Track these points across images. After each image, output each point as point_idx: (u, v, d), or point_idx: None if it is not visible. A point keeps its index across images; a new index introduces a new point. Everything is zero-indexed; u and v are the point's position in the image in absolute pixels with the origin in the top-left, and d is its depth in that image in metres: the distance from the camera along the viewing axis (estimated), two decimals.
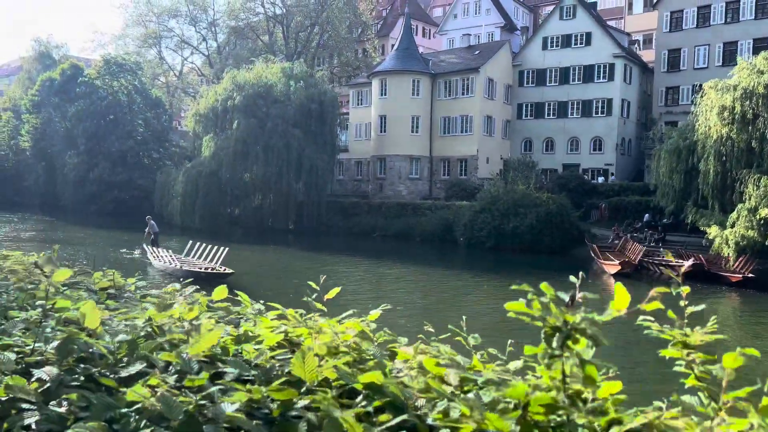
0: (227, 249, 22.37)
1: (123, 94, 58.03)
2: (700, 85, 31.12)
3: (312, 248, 34.96)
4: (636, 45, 53.12)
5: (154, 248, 25.84)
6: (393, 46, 66.64)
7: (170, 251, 24.93)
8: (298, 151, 42.06)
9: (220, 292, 2.44)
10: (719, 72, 41.73)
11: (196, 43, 74.14)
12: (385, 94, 46.41)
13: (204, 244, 23.97)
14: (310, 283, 2.48)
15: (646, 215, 35.28)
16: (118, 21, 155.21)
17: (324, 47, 66.77)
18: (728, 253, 24.51)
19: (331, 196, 45.71)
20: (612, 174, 45.03)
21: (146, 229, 27.67)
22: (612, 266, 25.36)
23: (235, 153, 41.57)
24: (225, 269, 21.16)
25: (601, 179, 43.80)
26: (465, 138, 46.04)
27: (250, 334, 2.01)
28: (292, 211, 43.32)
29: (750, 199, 24.37)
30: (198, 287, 2.87)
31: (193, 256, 24.07)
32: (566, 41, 46.78)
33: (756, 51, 38.68)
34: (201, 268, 21.33)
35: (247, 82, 43.93)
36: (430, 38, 69.73)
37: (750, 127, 25.94)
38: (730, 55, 43.76)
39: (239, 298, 2.64)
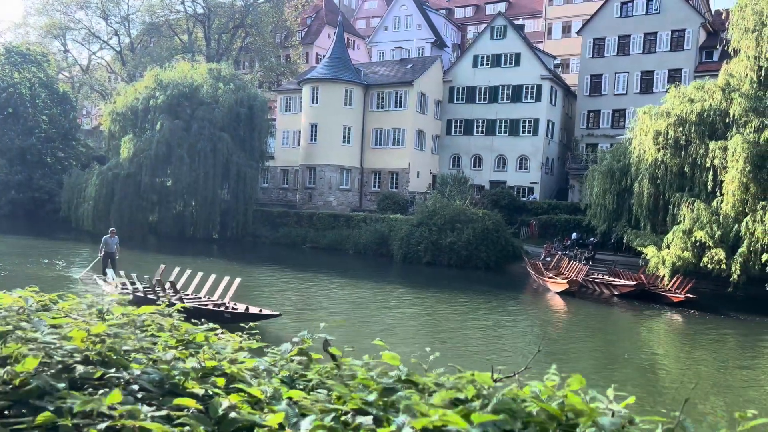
0: (239, 280, 16.10)
1: (25, 86, 53.25)
2: (633, 111, 32.43)
3: (240, 259, 33.17)
4: (559, 69, 55.09)
5: (113, 271, 19.31)
6: (318, 54, 65.80)
7: (136, 276, 17.69)
8: (226, 156, 40.07)
9: None
10: (637, 99, 44.04)
11: (107, 37, 69.77)
12: (317, 102, 45.20)
13: (189, 271, 17.59)
14: None
15: (574, 233, 36.16)
16: (18, 8, 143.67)
17: (247, 51, 64.70)
18: (664, 273, 25.33)
19: (255, 204, 43.86)
20: (534, 193, 46.12)
21: (101, 246, 21.51)
22: (558, 285, 25.48)
23: (157, 156, 38.94)
24: (261, 310, 14.99)
25: (532, 197, 44.65)
26: (397, 151, 45.66)
27: None
28: (217, 220, 41.16)
29: (685, 220, 25.35)
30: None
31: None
32: (496, 60, 47.62)
33: (671, 80, 41.11)
34: (227, 308, 15.28)
35: (171, 81, 41.45)
36: (354, 49, 69.22)
37: (683, 153, 27.09)
38: (647, 83, 46.27)
39: None
